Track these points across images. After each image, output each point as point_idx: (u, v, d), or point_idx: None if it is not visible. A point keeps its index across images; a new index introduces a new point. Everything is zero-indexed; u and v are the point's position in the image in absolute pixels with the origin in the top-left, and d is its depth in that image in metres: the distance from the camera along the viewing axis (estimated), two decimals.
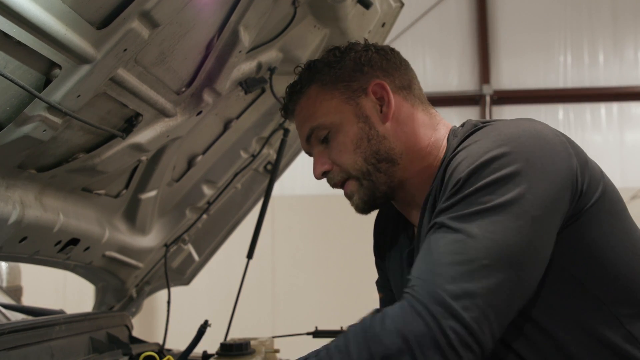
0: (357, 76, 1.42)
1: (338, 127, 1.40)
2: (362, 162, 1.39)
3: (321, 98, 1.43)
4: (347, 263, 6.52)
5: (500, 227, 1.10)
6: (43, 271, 2.80)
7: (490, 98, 7.19)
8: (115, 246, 2.19)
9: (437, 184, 1.29)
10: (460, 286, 1.06)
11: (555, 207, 1.15)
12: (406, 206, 1.47)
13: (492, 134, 1.22)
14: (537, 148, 1.17)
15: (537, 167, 1.15)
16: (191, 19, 1.49)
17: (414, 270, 1.15)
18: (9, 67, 1.19)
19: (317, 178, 1.45)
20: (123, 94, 1.53)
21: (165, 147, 1.96)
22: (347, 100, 1.41)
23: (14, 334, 1.52)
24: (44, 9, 1.13)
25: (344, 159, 1.40)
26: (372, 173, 1.39)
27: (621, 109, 7.23)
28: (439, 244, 1.13)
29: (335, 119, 1.40)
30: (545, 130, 1.23)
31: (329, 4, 1.92)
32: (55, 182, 1.71)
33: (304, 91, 1.45)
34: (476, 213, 1.12)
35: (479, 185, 1.14)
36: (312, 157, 1.46)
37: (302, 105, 1.45)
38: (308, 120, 1.43)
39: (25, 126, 1.30)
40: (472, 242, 1.09)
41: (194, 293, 4.25)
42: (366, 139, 1.39)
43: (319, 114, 1.42)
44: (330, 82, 1.43)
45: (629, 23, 7.21)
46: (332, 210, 6.81)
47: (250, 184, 2.67)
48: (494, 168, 1.14)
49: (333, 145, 1.41)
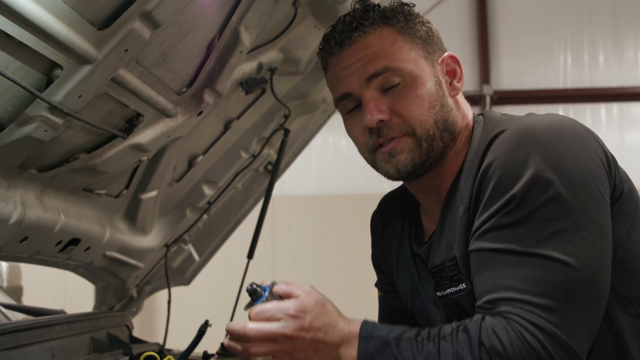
0: (431, 41, 1.37)
1: (415, 80, 1.32)
2: (433, 123, 1.32)
3: (400, 44, 1.33)
4: (347, 263, 6.52)
5: (578, 246, 1.12)
6: (43, 271, 2.80)
7: (490, 98, 7.19)
8: (116, 246, 2.19)
9: (468, 182, 1.26)
10: (560, 316, 1.09)
11: (606, 204, 1.18)
12: (427, 193, 1.42)
13: (527, 137, 1.19)
14: (576, 147, 1.18)
15: (585, 169, 1.16)
16: (192, 19, 1.50)
17: (486, 294, 1.16)
18: (11, 67, 1.19)
19: (371, 125, 1.31)
20: (124, 95, 1.53)
21: (165, 147, 1.97)
22: (425, 58, 1.35)
23: (14, 334, 1.52)
24: (45, 10, 1.14)
25: (417, 114, 1.31)
26: (436, 139, 1.32)
27: (621, 109, 7.23)
28: (524, 271, 1.13)
29: (414, 70, 1.32)
30: (576, 125, 1.23)
31: (329, 5, 1.92)
32: (56, 182, 1.71)
33: (375, 28, 1.33)
34: (551, 236, 1.12)
35: (540, 203, 1.14)
36: (363, 101, 1.32)
37: (372, 42, 1.32)
38: (382, 59, 1.31)
39: (27, 126, 1.30)
40: (560, 268, 1.11)
41: (195, 293, 4.24)
42: (440, 103, 1.33)
43: (398, 57, 1.32)
44: (409, 32, 1.34)
45: (629, 23, 7.21)
46: (332, 211, 6.82)
47: (250, 184, 2.67)
48: (547, 180, 1.14)
49: (405, 96, 1.31)
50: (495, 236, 1.17)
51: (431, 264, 1.36)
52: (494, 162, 1.19)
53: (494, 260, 1.16)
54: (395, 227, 1.54)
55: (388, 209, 1.60)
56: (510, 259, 1.14)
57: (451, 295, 1.31)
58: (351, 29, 1.33)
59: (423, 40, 1.36)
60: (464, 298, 1.28)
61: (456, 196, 1.30)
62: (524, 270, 1.13)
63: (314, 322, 1.20)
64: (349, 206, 6.54)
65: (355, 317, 1.27)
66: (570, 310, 1.10)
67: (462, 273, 1.27)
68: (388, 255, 1.56)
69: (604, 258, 1.16)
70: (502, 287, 1.14)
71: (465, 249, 1.25)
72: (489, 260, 1.17)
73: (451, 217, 1.31)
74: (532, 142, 1.17)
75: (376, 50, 1.32)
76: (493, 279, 1.16)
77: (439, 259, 1.34)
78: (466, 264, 1.25)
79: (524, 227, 1.14)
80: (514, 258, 1.14)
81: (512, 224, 1.15)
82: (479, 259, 1.20)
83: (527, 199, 1.14)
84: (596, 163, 1.19)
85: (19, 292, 4.63)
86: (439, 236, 1.35)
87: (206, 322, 2.04)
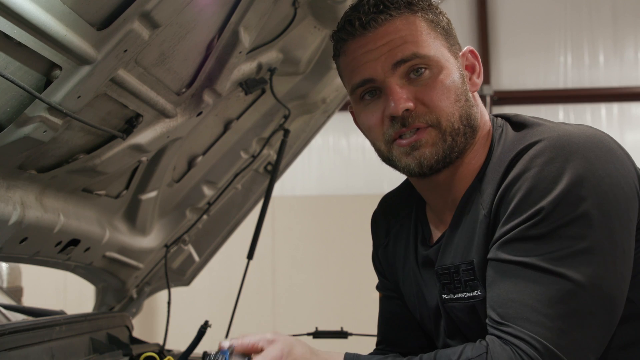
0: (452, 34, 1.33)
1: (443, 69, 1.26)
2: (458, 117, 1.26)
3: (427, 31, 1.27)
4: (347, 263, 6.52)
5: (599, 269, 1.10)
6: (43, 272, 2.80)
7: (491, 99, 7.19)
8: (116, 247, 2.19)
9: (491, 187, 1.22)
10: (569, 340, 1.09)
11: (633, 228, 1.16)
12: (437, 193, 1.36)
13: (563, 151, 1.15)
14: (611, 166, 1.15)
15: (617, 190, 1.14)
16: (191, 19, 1.49)
17: (499, 307, 1.14)
18: (10, 68, 1.19)
19: (397, 113, 1.24)
20: (123, 95, 1.53)
21: (165, 148, 1.96)
22: (449, 49, 1.30)
23: (14, 335, 1.52)
24: (44, 10, 1.13)
25: (444, 105, 1.25)
26: (460, 133, 1.26)
27: (621, 109, 7.23)
28: (539, 289, 1.11)
29: (441, 59, 1.27)
30: (610, 141, 1.21)
31: (329, 5, 1.92)
32: (56, 183, 1.71)
33: (402, 13, 1.27)
34: (573, 255, 1.10)
35: (568, 220, 1.11)
36: (388, 88, 1.26)
37: (399, 27, 1.26)
38: (411, 45, 1.25)
39: (26, 127, 1.30)
40: (577, 290, 1.09)
41: (195, 293, 4.25)
42: (464, 97, 1.28)
43: (426, 45, 1.26)
44: (433, 22, 1.29)
45: (629, 23, 7.21)
46: (332, 211, 6.82)
47: (250, 184, 2.67)
48: (580, 196, 1.11)
49: (433, 86, 1.25)
50: (516, 248, 1.14)
51: (440, 265, 1.33)
52: (526, 172, 1.15)
53: (511, 272, 1.14)
54: (401, 231, 1.50)
55: (391, 210, 1.55)
56: (528, 274, 1.12)
57: (463, 299, 1.28)
58: (377, 11, 1.25)
59: (445, 32, 1.31)
60: (478, 305, 1.25)
61: (475, 199, 1.26)
62: (539, 287, 1.11)
63: None
64: (349, 207, 6.54)
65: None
66: (579, 334, 1.09)
67: (478, 279, 1.24)
68: (393, 260, 1.52)
69: (621, 284, 1.14)
70: (515, 302, 1.12)
71: (483, 255, 1.22)
72: (507, 272, 1.15)
73: (468, 220, 1.27)
74: (568, 156, 1.13)
75: (404, 36, 1.25)
76: (508, 292, 1.14)
77: (450, 261, 1.30)
78: (483, 270, 1.22)
79: (547, 242, 1.12)
80: (532, 273, 1.12)
81: (536, 237, 1.12)
82: (497, 269, 1.18)
83: (555, 214, 1.11)
84: (629, 184, 1.16)
85: (18, 292, 4.63)
86: (451, 237, 1.31)
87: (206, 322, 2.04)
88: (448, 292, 1.31)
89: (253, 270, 2.59)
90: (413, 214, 1.47)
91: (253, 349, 1.20)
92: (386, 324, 1.57)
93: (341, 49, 1.32)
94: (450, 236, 1.31)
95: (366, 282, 2.11)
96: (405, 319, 1.52)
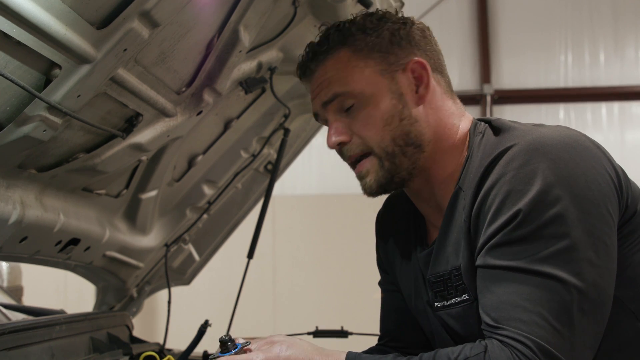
0: (395, 49, 1.33)
1: (368, 99, 1.31)
2: (390, 141, 1.30)
3: (353, 64, 1.32)
4: (347, 263, 6.52)
5: (583, 265, 1.11)
6: (43, 271, 2.80)
7: (491, 98, 7.19)
8: (116, 246, 2.19)
9: (470, 191, 1.23)
10: (563, 337, 1.09)
11: (613, 224, 1.17)
12: (421, 199, 1.41)
13: (536, 152, 1.17)
14: (586, 164, 1.16)
15: (593, 187, 1.15)
16: (191, 18, 1.49)
17: (492, 311, 1.15)
18: (9, 67, 1.19)
19: (331, 147, 1.35)
20: (123, 94, 1.53)
21: (165, 147, 1.96)
22: (382, 72, 1.32)
23: (14, 334, 1.52)
24: (44, 9, 1.13)
25: (371, 134, 1.31)
26: (397, 155, 1.31)
27: (622, 108, 7.22)
28: (529, 290, 1.12)
29: (366, 89, 1.31)
30: (586, 140, 1.21)
31: (329, 4, 1.92)
32: (56, 182, 1.71)
33: (332, 52, 1.34)
34: (557, 254, 1.11)
35: (547, 219, 1.12)
36: (327, 124, 1.37)
37: (328, 67, 1.34)
38: (334, 85, 1.33)
39: (26, 126, 1.30)
40: (565, 288, 1.10)
41: (195, 293, 4.25)
42: (398, 117, 1.30)
43: (349, 80, 1.32)
44: (365, 49, 1.32)
45: (630, 22, 7.21)
46: (333, 210, 6.82)
47: (250, 183, 2.67)
48: (555, 196, 1.12)
49: (359, 117, 1.31)
50: (500, 253, 1.16)
51: (432, 273, 1.35)
52: (502, 177, 1.17)
53: (500, 277, 1.15)
54: (400, 229, 1.52)
55: (393, 210, 1.57)
56: (516, 277, 1.13)
57: (455, 305, 1.30)
58: (313, 59, 1.37)
59: (383, 52, 1.32)
60: (468, 308, 1.27)
61: (459, 205, 1.28)
62: (528, 288, 1.12)
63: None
64: (349, 206, 6.53)
65: (336, 349, 1.26)
66: (572, 331, 1.10)
67: (465, 283, 1.26)
68: (392, 255, 1.54)
69: (608, 278, 1.15)
70: (507, 304, 1.13)
71: (468, 259, 1.24)
72: (496, 277, 1.16)
73: (454, 226, 1.29)
74: (541, 158, 1.15)
75: (329, 77, 1.34)
76: (498, 296, 1.15)
77: (442, 268, 1.32)
78: (469, 274, 1.24)
79: (529, 244, 1.13)
80: (519, 276, 1.13)
81: (518, 239, 1.14)
82: (485, 276, 1.19)
83: (533, 215, 1.13)
84: (605, 181, 1.17)
85: (19, 292, 4.63)
86: (441, 244, 1.33)
87: (206, 322, 2.05)
88: (441, 300, 1.33)
89: (253, 269, 2.59)
90: (413, 214, 1.49)
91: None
92: (388, 318, 1.59)
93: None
94: (440, 242, 1.33)
95: (367, 282, 2.11)
96: (406, 312, 1.54)
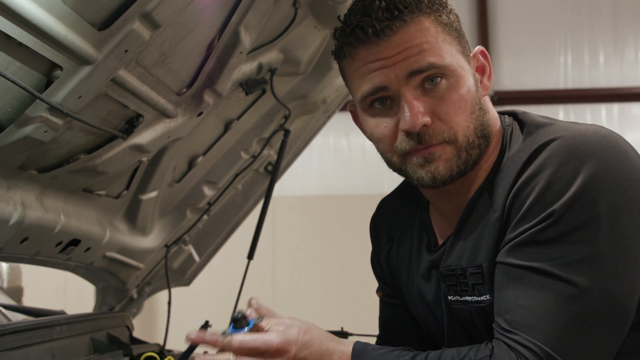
0: (463, 35, 1.24)
1: (459, 80, 1.18)
2: (473, 131, 1.19)
3: (442, 37, 1.18)
4: (347, 264, 6.52)
5: (608, 275, 1.08)
6: (44, 272, 2.80)
7: (491, 99, 7.18)
8: (116, 247, 2.19)
9: (503, 189, 1.17)
10: (577, 349, 1.07)
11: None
12: (448, 196, 1.30)
13: (578, 150, 1.11)
14: (625, 168, 1.11)
15: (631, 194, 1.10)
16: (192, 20, 1.50)
17: (506, 312, 1.12)
18: (11, 68, 1.19)
19: (413, 130, 1.16)
20: (124, 95, 1.53)
21: (166, 148, 1.96)
22: (463, 53, 1.21)
23: (14, 335, 1.52)
24: (45, 11, 1.14)
25: (461, 120, 1.18)
26: (474, 147, 1.20)
27: (622, 109, 7.23)
28: (547, 295, 1.08)
29: (457, 68, 1.18)
30: (624, 142, 1.17)
31: (329, 5, 1.92)
32: (56, 183, 1.71)
33: (414, 17, 1.17)
34: (583, 261, 1.07)
35: (579, 223, 1.07)
36: (404, 99, 1.18)
37: (414, 34, 1.16)
38: (428, 54, 1.16)
39: (27, 127, 1.30)
40: (585, 297, 1.07)
41: (195, 294, 4.24)
42: (478, 106, 1.21)
43: (442, 52, 1.17)
44: (446, 24, 1.19)
45: (630, 23, 7.21)
46: (333, 211, 6.81)
47: (250, 184, 2.67)
48: (592, 200, 1.07)
49: (449, 99, 1.17)
50: (526, 252, 1.11)
51: (445, 266, 1.29)
52: (539, 172, 1.11)
53: (519, 277, 1.11)
54: (404, 236, 1.46)
55: (391, 215, 1.51)
56: (536, 280, 1.09)
57: (471, 303, 1.25)
58: (391, 17, 1.16)
59: (458, 33, 1.22)
60: (487, 309, 1.22)
61: (484, 201, 1.22)
62: (547, 294, 1.08)
63: (299, 353, 1.19)
64: (349, 207, 6.54)
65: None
66: (588, 342, 1.07)
67: (487, 284, 1.21)
68: (397, 267, 1.48)
69: (633, 291, 1.11)
70: (523, 309, 1.10)
71: (493, 259, 1.19)
72: (515, 277, 1.12)
73: (477, 222, 1.23)
74: (582, 157, 1.09)
75: (419, 44, 1.16)
76: (515, 298, 1.11)
77: (456, 262, 1.26)
78: (493, 275, 1.19)
79: (556, 247, 1.08)
80: (540, 279, 1.09)
81: (545, 241, 1.09)
82: (505, 274, 1.14)
83: (566, 218, 1.08)
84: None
85: (19, 292, 4.62)
86: (457, 239, 1.27)
87: (206, 322, 2.05)
88: (454, 294, 1.28)
89: (253, 270, 2.59)
90: (417, 218, 1.43)
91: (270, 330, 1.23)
92: (386, 328, 1.56)
93: (349, 52, 1.24)
94: (456, 238, 1.27)
95: (366, 283, 2.11)
96: (404, 325, 1.50)
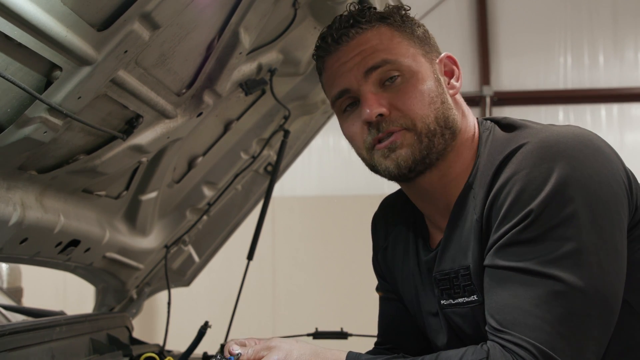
0: (428, 42, 1.36)
1: (414, 75, 1.29)
2: (433, 119, 1.28)
3: (398, 40, 1.32)
4: (347, 264, 6.51)
5: (591, 269, 1.10)
6: (43, 272, 2.80)
7: (491, 99, 7.19)
8: (116, 247, 2.19)
9: (482, 190, 1.22)
10: (568, 342, 1.09)
11: (624, 227, 1.16)
12: (429, 198, 1.36)
13: (550, 151, 1.15)
14: (599, 165, 1.15)
15: (606, 189, 1.14)
16: (192, 20, 1.50)
17: (497, 313, 1.14)
18: (10, 69, 1.19)
19: (370, 119, 1.27)
20: (124, 96, 1.53)
21: (165, 149, 1.97)
22: (424, 55, 1.33)
23: (14, 335, 1.52)
24: (44, 11, 1.14)
25: (417, 109, 1.27)
26: (437, 135, 1.28)
27: (621, 110, 7.23)
28: (534, 293, 1.11)
29: (413, 65, 1.30)
30: (599, 141, 1.20)
31: (329, 6, 1.92)
32: (56, 184, 1.71)
33: (374, 25, 1.32)
34: (565, 256, 1.10)
35: (558, 221, 1.11)
36: (362, 95, 1.30)
37: (370, 37, 1.31)
38: (381, 52, 1.29)
39: (26, 128, 1.30)
40: (572, 292, 1.09)
41: (195, 294, 4.24)
42: (440, 99, 1.30)
43: (396, 52, 1.30)
44: (406, 30, 1.33)
45: (629, 24, 7.21)
46: (333, 211, 6.81)
47: (250, 185, 2.67)
48: (568, 197, 1.11)
49: (404, 91, 1.28)
50: (510, 253, 1.15)
51: (438, 270, 1.33)
52: (515, 174, 1.16)
53: (507, 278, 1.15)
54: (400, 234, 1.50)
55: (391, 213, 1.55)
56: (523, 279, 1.13)
57: (462, 305, 1.28)
58: (348, 26, 1.31)
59: (420, 40, 1.34)
60: (476, 310, 1.25)
61: (468, 204, 1.27)
62: (534, 291, 1.11)
63: None
64: (349, 207, 6.54)
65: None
66: (577, 336, 1.09)
67: (474, 284, 1.25)
68: (392, 263, 1.52)
69: (617, 282, 1.14)
70: (512, 308, 1.13)
71: (478, 260, 1.23)
72: (502, 278, 1.15)
73: (463, 225, 1.27)
74: (555, 157, 1.14)
75: (374, 45, 1.30)
76: (504, 298, 1.14)
77: (449, 266, 1.30)
78: (479, 276, 1.23)
79: (538, 245, 1.12)
80: (526, 278, 1.12)
81: (527, 240, 1.13)
82: (492, 276, 1.18)
83: (544, 216, 1.12)
84: (617, 183, 1.16)
85: (19, 293, 4.63)
86: (448, 243, 1.31)
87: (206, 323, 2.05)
88: (447, 298, 1.32)
89: (253, 270, 2.59)
90: (412, 219, 1.47)
91: (256, 358, 1.25)
92: (385, 325, 1.58)
93: (322, 66, 1.38)
94: (447, 241, 1.32)
95: (366, 283, 2.11)
96: (404, 321, 1.52)
